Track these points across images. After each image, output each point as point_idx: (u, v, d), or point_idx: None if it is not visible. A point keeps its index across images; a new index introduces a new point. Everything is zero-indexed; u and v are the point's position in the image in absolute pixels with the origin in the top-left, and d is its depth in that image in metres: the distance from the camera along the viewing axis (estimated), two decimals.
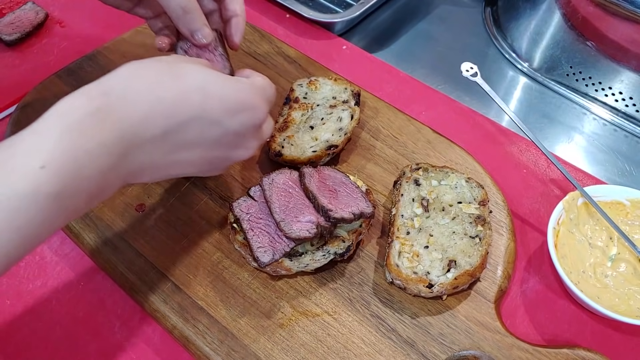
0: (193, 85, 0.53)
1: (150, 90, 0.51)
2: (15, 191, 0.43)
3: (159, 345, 0.65)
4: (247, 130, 0.58)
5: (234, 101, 0.56)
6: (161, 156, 0.53)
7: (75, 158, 0.46)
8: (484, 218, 0.68)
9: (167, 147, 0.53)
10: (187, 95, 0.53)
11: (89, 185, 0.48)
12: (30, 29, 0.94)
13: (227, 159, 0.60)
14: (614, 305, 0.64)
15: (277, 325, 0.64)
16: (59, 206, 0.46)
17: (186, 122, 0.53)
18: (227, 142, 0.57)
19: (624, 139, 0.88)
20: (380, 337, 0.63)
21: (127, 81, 0.51)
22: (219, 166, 0.61)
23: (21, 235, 0.44)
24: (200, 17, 0.64)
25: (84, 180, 0.47)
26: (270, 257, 0.63)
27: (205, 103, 0.54)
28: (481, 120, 0.86)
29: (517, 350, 0.62)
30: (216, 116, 0.54)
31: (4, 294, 0.68)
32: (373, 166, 0.78)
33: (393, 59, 0.97)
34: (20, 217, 0.44)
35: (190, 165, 0.57)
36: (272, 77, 0.86)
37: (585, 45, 0.89)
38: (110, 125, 0.48)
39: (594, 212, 0.70)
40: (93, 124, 0.47)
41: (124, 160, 0.50)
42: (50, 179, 0.44)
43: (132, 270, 0.67)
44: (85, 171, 0.47)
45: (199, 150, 0.56)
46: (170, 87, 0.52)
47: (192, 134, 0.54)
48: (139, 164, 0.52)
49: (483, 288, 0.67)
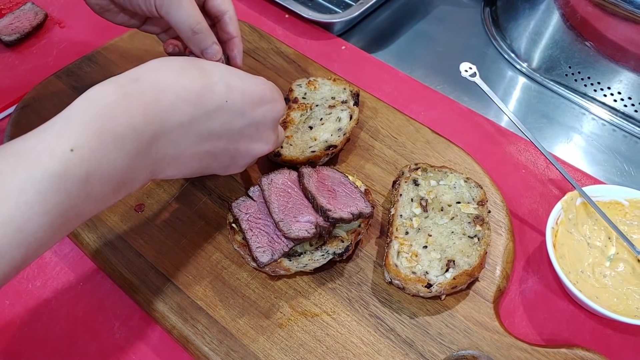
0: (217, 78, 0.56)
1: (177, 80, 0.53)
2: (45, 172, 0.44)
3: (158, 345, 0.65)
4: (268, 123, 0.61)
5: (255, 93, 0.59)
6: (187, 146, 0.54)
7: (104, 141, 0.47)
8: (483, 218, 0.68)
9: (193, 137, 0.54)
10: (213, 86, 0.55)
11: (116, 171, 0.48)
12: (29, 30, 0.94)
13: (248, 153, 0.61)
14: (613, 304, 0.64)
15: (276, 325, 0.64)
16: (87, 192, 0.46)
17: (212, 112, 0.55)
18: (249, 134, 0.59)
19: (623, 139, 0.88)
20: (379, 336, 0.63)
21: (155, 71, 0.53)
22: (239, 162, 0.62)
23: (51, 219, 0.44)
24: (210, 36, 0.66)
25: (111, 164, 0.47)
26: (269, 257, 0.63)
27: (229, 94, 0.56)
28: (480, 121, 0.87)
29: (515, 350, 0.62)
30: (240, 107, 0.57)
31: (4, 294, 0.68)
32: (372, 166, 0.78)
33: (392, 59, 0.97)
34: (49, 199, 0.44)
35: (214, 158, 0.58)
36: (271, 77, 0.87)
37: (584, 46, 0.89)
38: (139, 109, 0.49)
39: (593, 212, 0.70)
40: (122, 108, 0.48)
41: (151, 147, 0.51)
42: (79, 161, 0.45)
43: (131, 270, 0.67)
44: (114, 155, 0.47)
45: (223, 142, 0.58)
46: (197, 78, 0.55)
47: (217, 124, 0.56)
48: (165, 153, 0.53)
49: (482, 288, 0.67)
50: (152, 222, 0.72)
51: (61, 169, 0.44)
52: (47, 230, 0.45)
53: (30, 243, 0.44)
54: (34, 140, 0.45)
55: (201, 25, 0.65)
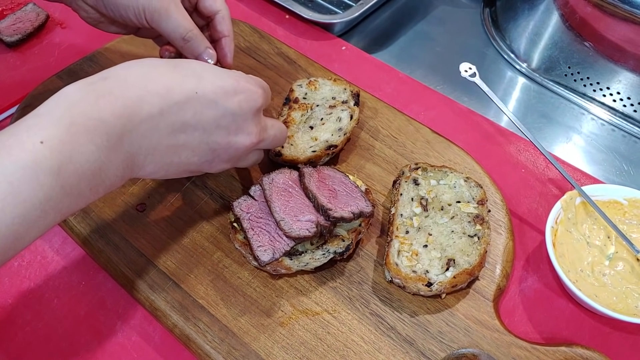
0: (188, 71, 0.56)
1: (146, 75, 0.54)
2: (16, 164, 0.45)
3: (160, 343, 0.66)
4: (245, 113, 0.59)
5: (227, 84, 0.58)
6: (160, 139, 0.54)
7: (75, 134, 0.47)
8: (483, 217, 0.68)
9: (165, 129, 0.54)
10: (182, 79, 0.55)
11: (88, 163, 0.48)
12: (31, 30, 0.95)
13: (229, 145, 0.60)
14: (612, 303, 0.65)
15: (277, 324, 0.64)
16: (61, 185, 0.47)
17: (182, 103, 0.54)
18: (226, 125, 0.58)
19: (622, 138, 0.88)
20: (379, 335, 0.64)
21: (125, 69, 0.54)
22: (222, 156, 0.61)
23: (24, 211, 0.45)
24: (202, 41, 0.67)
25: (83, 157, 0.48)
26: (271, 256, 0.63)
27: (199, 85, 0.56)
28: (480, 120, 0.87)
29: (515, 349, 0.62)
30: (211, 97, 0.56)
31: (6, 293, 0.69)
32: (372, 166, 0.79)
33: (392, 60, 0.97)
34: (22, 190, 0.44)
35: (192, 152, 0.58)
36: (272, 78, 0.88)
37: (583, 46, 0.89)
38: (107, 104, 0.50)
39: (592, 211, 0.71)
40: (91, 103, 0.49)
41: (123, 139, 0.51)
42: (49, 153, 0.46)
43: (133, 269, 0.68)
44: (84, 148, 0.48)
45: (199, 134, 0.57)
46: (166, 72, 0.55)
47: (189, 115, 0.55)
48: (139, 146, 0.53)
49: (482, 287, 0.67)
50: (154, 221, 0.72)
51: (32, 160, 0.45)
52: (22, 223, 0.45)
53: (6, 235, 0.45)
54: (6, 135, 0.46)
55: (192, 32, 0.66)
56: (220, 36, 0.71)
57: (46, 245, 0.73)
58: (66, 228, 0.72)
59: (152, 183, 0.76)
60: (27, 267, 0.71)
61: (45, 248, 0.73)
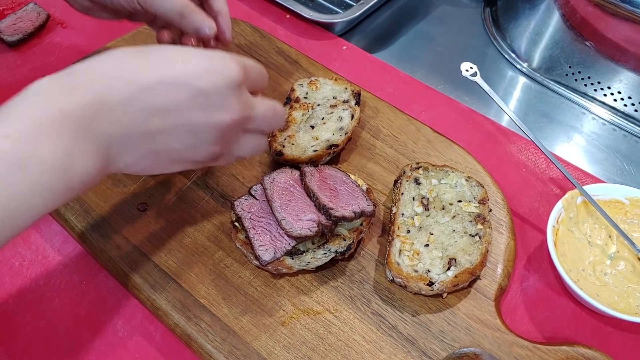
0: (158, 56, 0.55)
1: (115, 63, 0.53)
2: None
3: (161, 343, 0.65)
4: (219, 89, 0.56)
5: (200, 64, 0.55)
6: (132, 124, 0.52)
7: (39, 127, 0.46)
8: (484, 216, 0.68)
9: (136, 114, 0.52)
10: (151, 64, 0.54)
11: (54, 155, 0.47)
12: (32, 30, 0.95)
13: (207, 125, 0.56)
14: (613, 302, 0.64)
15: (279, 323, 0.64)
16: (28, 180, 0.46)
17: (150, 87, 0.53)
18: (199, 104, 0.55)
19: (623, 138, 0.88)
20: (381, 334, 0.63)
21: (95, 60, 0.52)
22: (201, 137, 0.57)
23: None
24: (198, 13, 0.66)
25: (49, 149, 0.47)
26: (272, 256, 0.63)
27: (169, 68, 0.54)
28: (481, 120, 0.87)
29: (517, 348, 0.62)
30: (182, 79, 0.54)
31: (7, 293, 0.68)
32: (373, 165, 0.79)
33: (393, 59, 0.97)
34: None
35: (170, 137, 0.55)
36: (273, 77, 0.87)
37: (584, 45, 0.89)
38: (76, 94, 0.49)
39: (593, 210, 0.71)
40: (55, 96, 0.49)
41: (91, 128, 0.50)
42: (12, 146, 0.45)
43: (134, 268, 0.68)
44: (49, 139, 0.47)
45: (173, 117, 0.54)
46: (136, 59, 0.54)
47: (160, 99, 0.53)
48: (110, 134, 0.51)
49: (483, 286, 0.67)
50: (155, 221, 0.72)
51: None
52: None
53: None
54: None
55: (188, 7, 0.65)
56: (216, 14, 0.70)
57: (47, 244, 0.73)
58: (67, 227, 0.72)
59: (153, 182, 0.76)
60: (28, 266, 0.71)
61: (46, 247, 0.73)
